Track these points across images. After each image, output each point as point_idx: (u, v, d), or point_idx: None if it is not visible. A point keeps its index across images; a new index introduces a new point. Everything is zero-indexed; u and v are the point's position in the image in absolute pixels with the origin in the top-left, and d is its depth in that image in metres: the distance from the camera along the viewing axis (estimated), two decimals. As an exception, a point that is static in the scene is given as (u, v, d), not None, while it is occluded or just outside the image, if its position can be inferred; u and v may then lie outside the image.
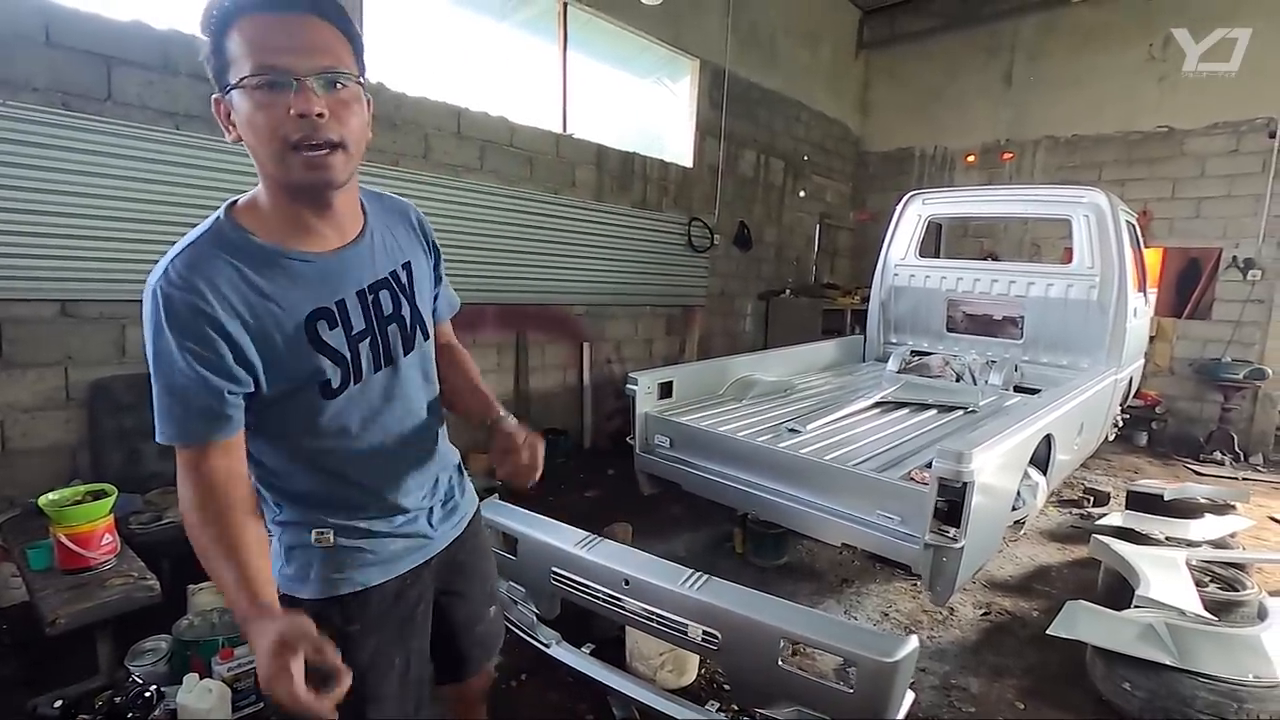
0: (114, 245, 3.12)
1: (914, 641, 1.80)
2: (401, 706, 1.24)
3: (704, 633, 2.04)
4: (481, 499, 1.58)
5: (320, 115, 0.94)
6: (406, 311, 1.17)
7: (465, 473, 1.46)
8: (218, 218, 1.03)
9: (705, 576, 2.09)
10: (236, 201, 1.06)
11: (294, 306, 1.02)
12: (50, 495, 2.31)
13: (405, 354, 1.18)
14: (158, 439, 0.99)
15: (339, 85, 0.97)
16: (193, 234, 1.01)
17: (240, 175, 3.43)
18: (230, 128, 1.00)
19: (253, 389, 1.01)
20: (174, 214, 3.26)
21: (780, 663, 1.90)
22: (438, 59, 4.59)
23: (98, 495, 2.37)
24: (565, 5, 5.20)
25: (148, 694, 1.97)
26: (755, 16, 6.91)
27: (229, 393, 0.98)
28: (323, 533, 1.13)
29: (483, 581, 1.48)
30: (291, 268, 1.03)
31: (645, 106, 6.51)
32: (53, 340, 3.05)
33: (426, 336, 1.24)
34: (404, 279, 1.18)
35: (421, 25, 4.53)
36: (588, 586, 2.25)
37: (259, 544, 1.02)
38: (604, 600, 2.20)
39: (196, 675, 2.07)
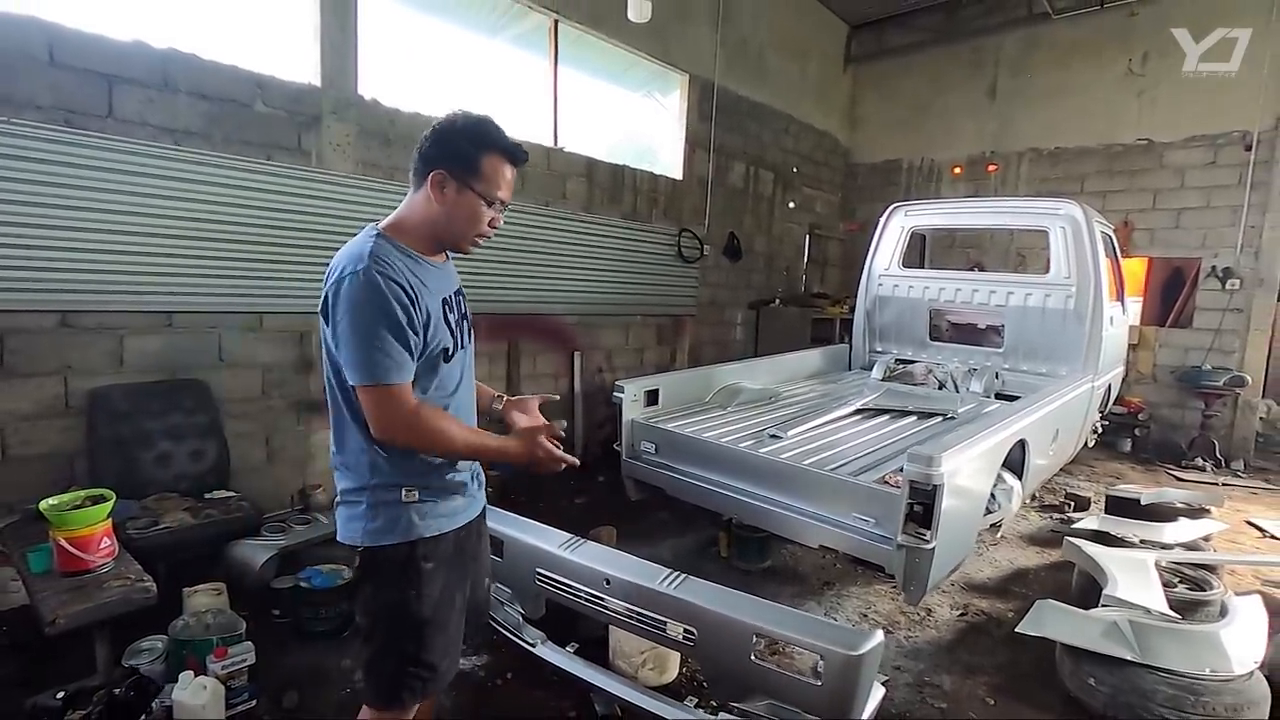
0: (113, 258, 3.21)
1: (879, 635, 1.89)
2: (457, 638, 1.64)
3: (683, 630, 2.13)
4: None
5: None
6: (469, 314, 1.70)
7: None
8: (378, 233, 1.46)
9: (683, 576, 2.18)
10: (379, 224, 1.51)
11: (435, 292, 1.50)
12: (51, 500, 2.38)
13: (469, 343, 1.69)
14: (362, 381, 1.37)
15: None
16: (365, 242, 1.42)
17: (235, 189, 3.53)
18: (441, 197, 1.47)
19: (420, 349, 1.44)
20: (172, 227, 3.36)
21: (753, 657, 1.98)
22: (431, 75, 4.70)
23: (96, 500, 2.44)
24: (556, 22, 5.32)
25: (144, 682, 2.04)
26: (744, 32, 7.06)
27: (415, 345, 1.41)
28: (410, 490, 1.49)
29: (488, 554, 1.90)
30: (429, 269, 1.52)
31: (636, 120, 6.63)
32: (52, 350, 3.12)
33: (473, 339, 1.74)
34: (463, 294, 1.70)
35: (414, 41, 4.64)
36: (571, 587, 2.34)
37: (462, 424, 1.53)
38: (586, 599, 2.28)
39: (192, 673, 2.14)
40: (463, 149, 1.47)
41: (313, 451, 4.04)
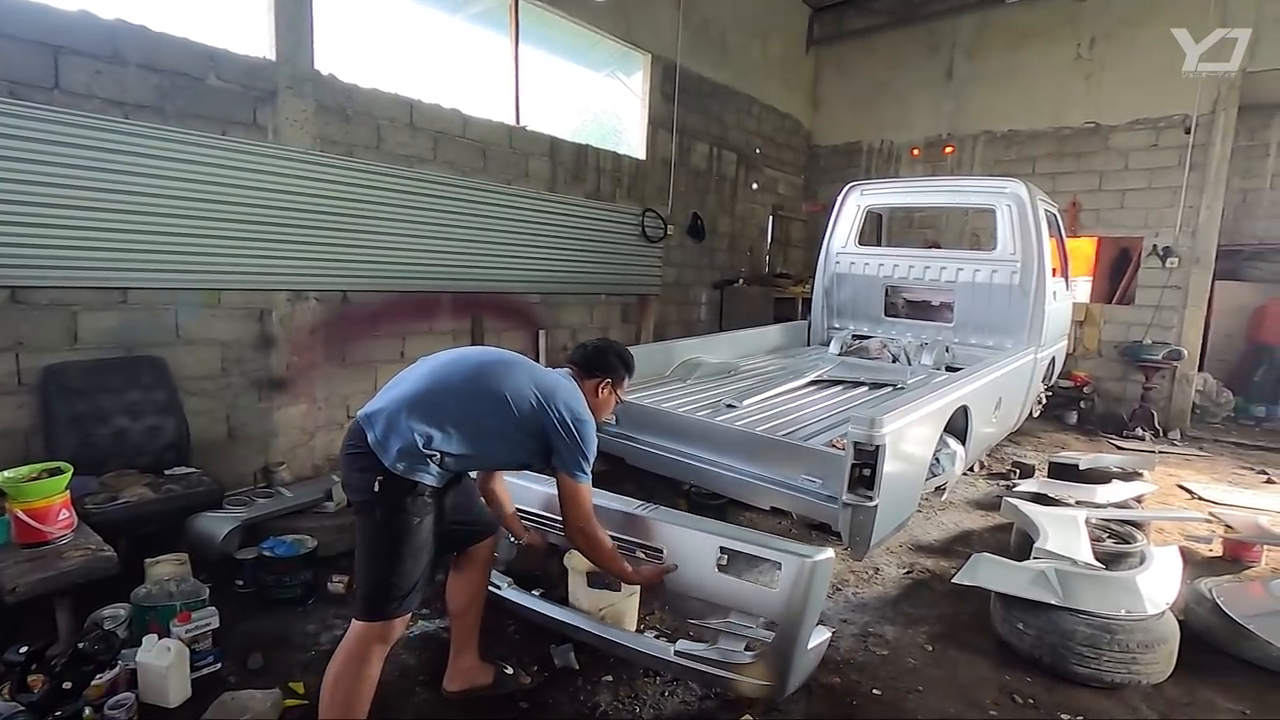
0: (64, 233, 3.16)
1: (829, 551, 2.04)
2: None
3: (649, 550, 2.25)
4: None
5: None
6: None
7: None
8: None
9: (653, 505, 2.31)
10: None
11: None
12: (7, 473, 2.39)
13: None
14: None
15: None
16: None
17: (189, 164, 3.50)
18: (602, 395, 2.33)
19: None
20: (125, 202, 3.32)
21: (717, 569, 2.11)
22: (390, 51, 4.68)
23: (54, 473, 2.45)
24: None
25: (109, 636, 2.08)
26: (706, 12, 7.10)
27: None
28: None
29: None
30: None
31: (599, 100, 6.65)
32: (3, 326, 3.08)
33: None
34: None
35: (373, 17, 4.61)
36: (549, 518, 2.45)
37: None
38: (562, 530, 2.35)
39: (156, 636, 2.18)
40: (623, 380, 2.38)
41: (275, 429, 4.05)
